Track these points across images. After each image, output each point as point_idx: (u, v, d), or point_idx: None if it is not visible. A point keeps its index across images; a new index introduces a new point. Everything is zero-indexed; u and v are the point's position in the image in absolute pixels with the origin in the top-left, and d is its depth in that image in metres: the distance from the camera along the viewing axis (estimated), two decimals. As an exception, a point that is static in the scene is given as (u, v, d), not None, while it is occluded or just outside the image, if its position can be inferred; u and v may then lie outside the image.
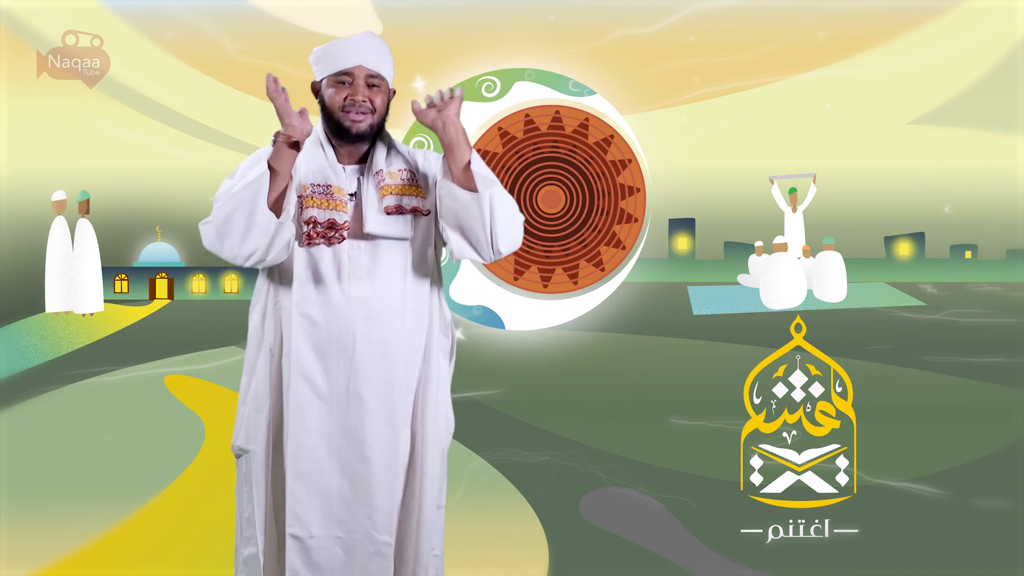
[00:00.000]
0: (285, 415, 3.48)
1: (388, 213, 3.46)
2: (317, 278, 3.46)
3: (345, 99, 3.47)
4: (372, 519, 3.46)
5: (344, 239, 3.43)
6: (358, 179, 3.51)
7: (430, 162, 3.60)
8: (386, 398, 3.46)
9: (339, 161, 3.53)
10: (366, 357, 3.45)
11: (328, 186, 3.46)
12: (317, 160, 3.50)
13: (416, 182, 3.54)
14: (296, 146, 3.35)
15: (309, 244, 3.44)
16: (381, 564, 3.47)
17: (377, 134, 3.54)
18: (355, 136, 3.48)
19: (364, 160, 3.55)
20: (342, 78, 3.47)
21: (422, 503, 3.52)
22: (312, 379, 3.45)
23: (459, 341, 5.24)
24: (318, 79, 3.53)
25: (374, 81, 3.49)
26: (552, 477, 5.25)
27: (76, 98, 5.28)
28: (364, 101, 3.46)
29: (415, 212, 3.50)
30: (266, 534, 3.53)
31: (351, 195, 3.47)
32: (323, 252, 3.45)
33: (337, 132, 3.50)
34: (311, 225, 3.42)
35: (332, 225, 3.43)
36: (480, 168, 3.43)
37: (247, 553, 3.54)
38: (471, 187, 3.39)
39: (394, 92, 3.58)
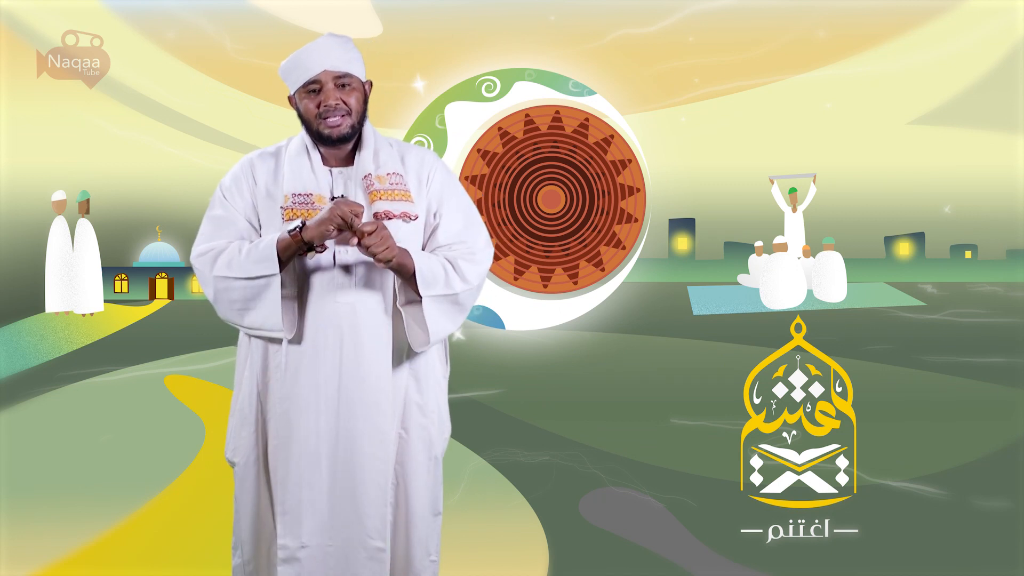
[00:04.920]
0: (273, 425, 3.47)
1: (376, 219, 3.44)
2: (303, 284, 3.45)
3: (318, 107, 3.46)
4: (364, 525, 3.44)
5: (326, 248, 3.41)
6: (345, 183, 3.50)
7: (425, 163, 3.58)
8: (375, 404, 3.44)
9: (326, 164, 3.51)
10: (354, 363, 3.43)
11: (308, 195, 3.45)
12: (301, 167, 3.49)
13: (405, 185, 3.52)
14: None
15: None
16: (375, 569, 3.46)
17: (361, 133, 3.52)
18: (337, 140, 3.47)
19: (352, 161, 3.53)
20: (311, 87, 3.46)
21: (415, 509, 3.51)
22: (298, 387, 3.44)
23: (459, 341, 5.27)
24: (291, 93, 3.52)
25: (343, 81, 3.46)
26: (552, 477, 5.25)
27: (76, 98, 5.28)
28: (337, 104, 3.45)
29: (404, 216, 3.48)
30: (254, 545, 3.53)
31: (338, 198, 3.45)
32: (307, 258, 3.44)
33: (319, 139, 3.49)
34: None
35: None
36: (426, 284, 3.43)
37: (235, 563, 3.56)
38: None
39: (370, 84, 3.55)
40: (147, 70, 5.31)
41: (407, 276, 3.43)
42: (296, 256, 3.39)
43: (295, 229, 3.34)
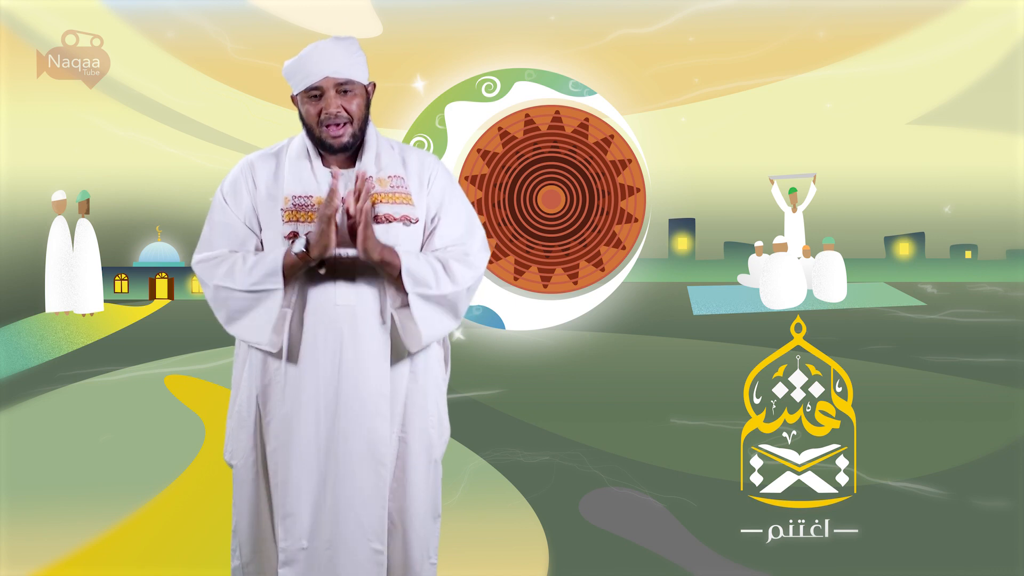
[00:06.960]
0: (273, 428, 3.47)
1: (377, 222, 3.44)
2: (303, 287, 3.45)
3: (320, 113, 3.45)
4: (362, 526, 3.44)
5: (335, 257, 3.40)
6: (346, 185, 3.49)
7: (426, 166, 3.58)
8: (373, 406, 3.44)
9: (326, 165, 3.50)
10: (353, 366, 3.42)
11: (309, 197, 3.45)
12: (302, 169, 3.48)
13: (407, 188, 3.52)
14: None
15: None
16: (373, 571, 3.45)
17: (363, 136, 3.52)
18: (339, 149, 3.47)
19: (354, 163, 3.53)
20: (313, 92, 3.45)
21: (414, 512, 3.51)
22: (299, 390, 3.43)
23: (459, 341, 5.27)
24: (293, 94, 3.52)
25: (346, 87, 3.45)
26: (552, 477, 5.25)
27: (76, 98, 5.28)
28: (338, 112, 3.44)
29: (404, 220, 3.48)
30: (253, 547, 3.53)
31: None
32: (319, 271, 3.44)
33: (321, 145, 3.48)
34: (292, 240, 3.41)
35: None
36: (413, 286, 3.42)
37: (233, 565, 3.55)
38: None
39: (373, 86, 3.54)
40: (147, 70, 5.31)
41: (395, 276, 3.42)
42: (301, 270, 3.40)
43: (302, 250, 3.34)
